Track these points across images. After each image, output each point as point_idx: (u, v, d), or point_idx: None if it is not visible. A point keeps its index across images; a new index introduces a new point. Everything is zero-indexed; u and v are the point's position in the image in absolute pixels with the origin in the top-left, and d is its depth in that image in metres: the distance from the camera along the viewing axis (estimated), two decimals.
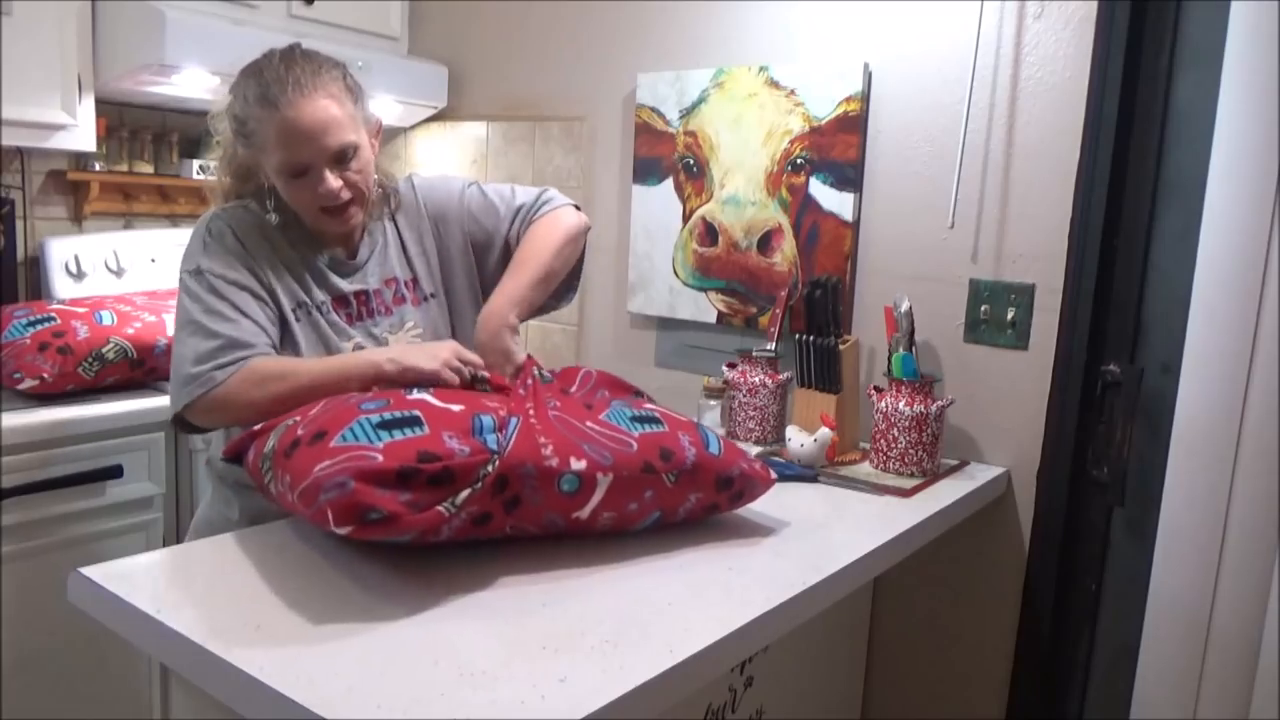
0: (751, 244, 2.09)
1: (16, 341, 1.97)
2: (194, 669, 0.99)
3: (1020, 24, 1.75)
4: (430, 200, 1.58)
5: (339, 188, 1.36)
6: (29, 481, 1.81)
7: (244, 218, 1.44)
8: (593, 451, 1.18)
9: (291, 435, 1.16)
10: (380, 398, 1.19)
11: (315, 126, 1.31)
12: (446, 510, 1.08)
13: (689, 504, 1.27)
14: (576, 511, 1.18)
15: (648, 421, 1.28)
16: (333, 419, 1.14)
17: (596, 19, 2.35)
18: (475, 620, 1.05)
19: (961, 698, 1.93)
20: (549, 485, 1.15)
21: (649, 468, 1.21)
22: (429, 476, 1.07)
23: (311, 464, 1.07)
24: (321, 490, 1.04)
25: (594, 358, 2.45)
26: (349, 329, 1.46)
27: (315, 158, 1.33)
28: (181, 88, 2.21)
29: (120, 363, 2.02)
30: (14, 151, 2.25)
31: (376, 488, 1.04)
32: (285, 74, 1.32)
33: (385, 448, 1.07)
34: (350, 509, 1.03)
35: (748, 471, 1.32)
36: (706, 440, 1.30)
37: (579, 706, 0.88)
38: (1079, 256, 1.72)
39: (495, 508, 1.13)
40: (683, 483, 1.25)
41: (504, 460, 1.11)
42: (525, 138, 2.53)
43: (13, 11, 1.97)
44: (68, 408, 1.91)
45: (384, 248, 1.51)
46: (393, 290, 1.50)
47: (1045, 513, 1.79)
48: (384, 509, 1.03)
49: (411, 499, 1.05)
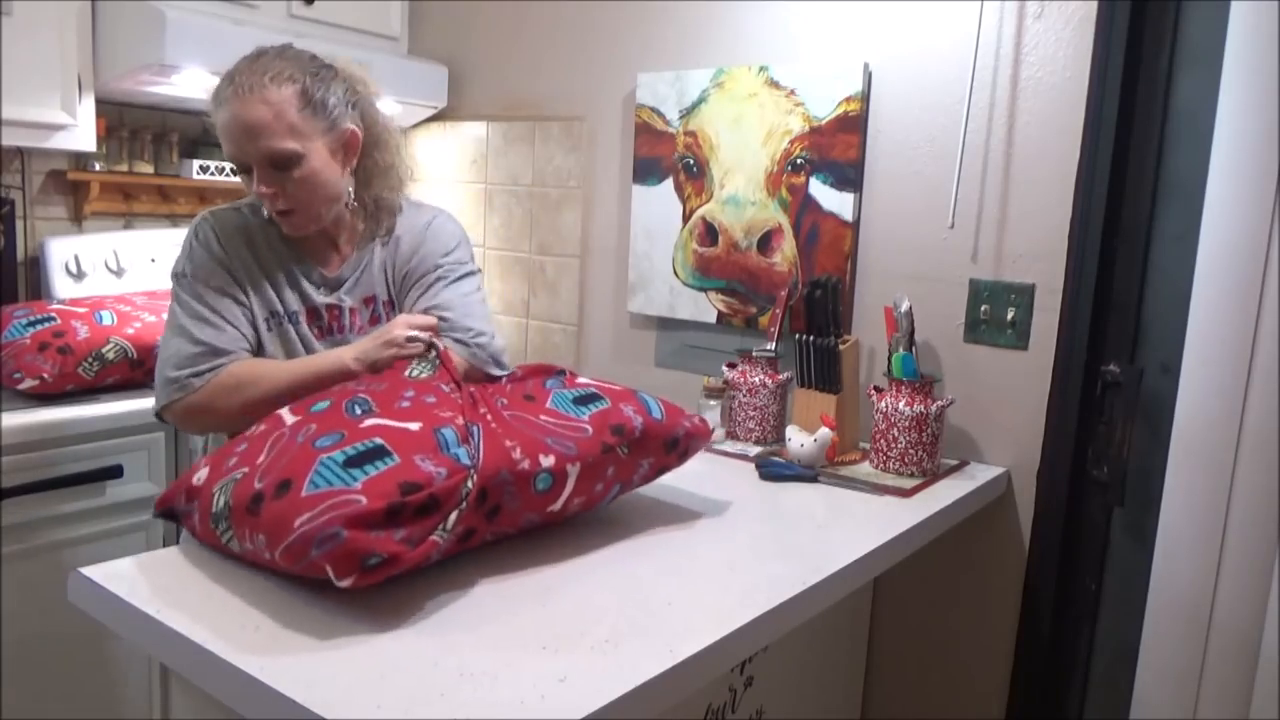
0: (751, 244, 2.09)
1: (16, 341, 1.96)
2: (194, 669, 0.99)
3: (1020, 24, 1.75)
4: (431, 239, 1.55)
5: (268, 193, 1.37)
6: (29, 481, 1.81)
7: (231, 220, 1.46)
8: (557, 445, 1.19)
9: (248, 489, 1.09)
10: (333, 431, 1.13)
11: (253, 126, 1.34)
12: (440, 538, 1.07)
13: (643, 469, 1.32)
14: (550, 506, 1.20)
15: (591, 400, 1.31)
16: (291, 464, 1.08)
17: (596, 19, 2.35)
18: (475, 620, 1.05)
19: (961, 698, 1.93)
20: (525, 487, 1.16)
21: (606, 447, 1.25)
22: (415, 508, 1.04)
23: (289, 518, 1.02)
24: (313, 545, 0.99)
25: (594, 358, 2.45)
26: (316, 343, 1.47)
27: (248, 158, 1.36)
28: (181, 88, 2.21)
29: (120, 363, 2.02)
30: (14, 151, 2.25)
31: (368, 531, 1.00)
32: (238, 76, 1.36)
33: (364, 487, 1.03)
34: (348, 559, 0.99)
35: (691, 430, 1.37)
36: (648, 406, 1.34)
37: (579, 706, 0.88)
38: (1079, 256, 1.72)
39: (478, 521, 1.12)
40: (635, 451, 1.29)
41: (480, 473, 1.11)
42: (525, 138, 2.53)
43: (13, 11, 1.97)
44: (68, 408, 1.91)
45: (369, 265, 1.51)
46: (370, 310, 1.50)
47: (1045, 513, 1.79)
48: (382, 552, 1.00)
49: (405, 535, 1.03)
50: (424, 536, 1.05)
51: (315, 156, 1.38)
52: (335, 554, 0.99)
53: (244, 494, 1.09)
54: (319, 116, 1.38)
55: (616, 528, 1.33)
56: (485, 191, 2.64)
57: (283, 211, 1.40)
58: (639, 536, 1.31)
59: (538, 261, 2.55)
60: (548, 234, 2.52)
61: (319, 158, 1.39)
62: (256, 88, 1.34)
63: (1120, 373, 1.71)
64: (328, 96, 1.39)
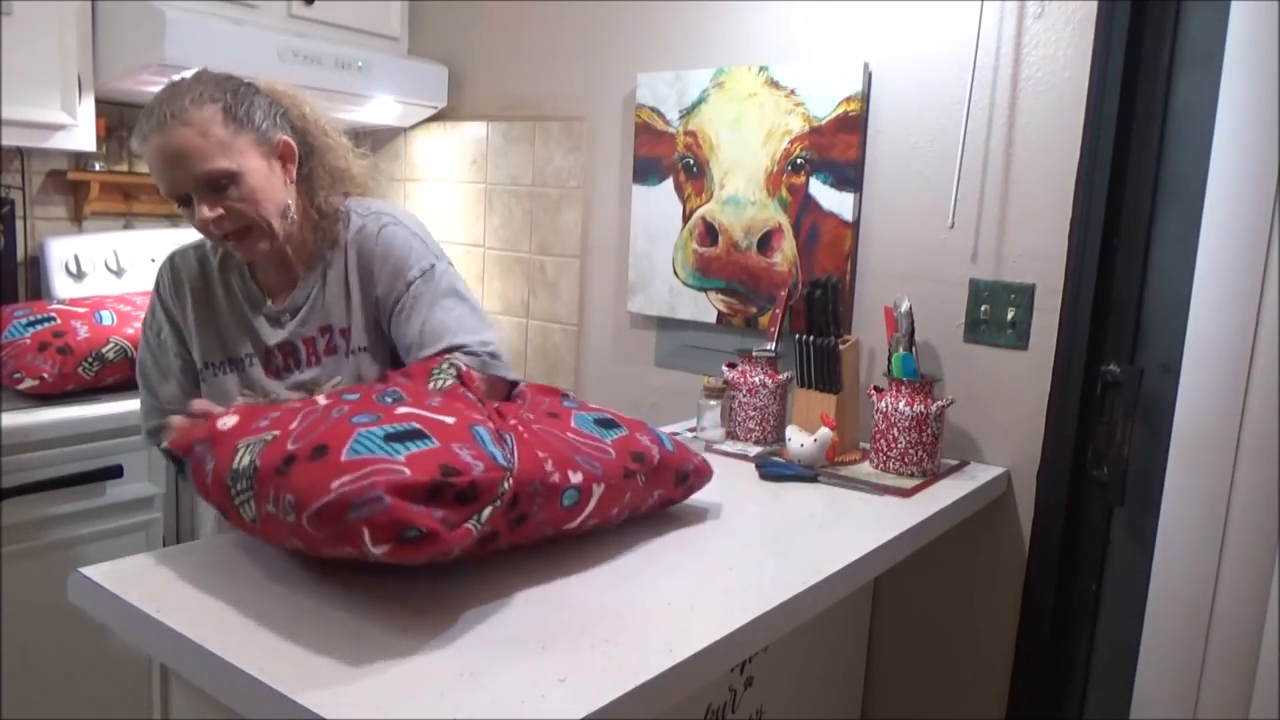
0: (751, 244, 2.09)
1: (16, 341, 1.97)
2: (194, 669, 0.99)
3: (1020, 24, 1.75)
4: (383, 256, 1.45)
5: (212, 217, 1.32)
6: (29, 481, 1.81)
7: (191, 265, 1.48)
8: (585, 463, 1.18)
9: (279, 451, 1.06)
10: (367, 412, 1.10)
11: (180, 153, 1.30)
12: (474, 528, 1.02)
13: (652, 500, 1.32)
14: (569, 524, 1.18)
15: (610, 426, 1.30)
16: (328, 433, 1.05)
17: (596, 19, 2.35)
18: (475, 620, 1.05)
19: (961, 698, 1.93)
20: (553, 501, 1.14)
21: (628, 472, 1.24)
22: (456, 492, 1.01)
23: (325, 479, 0.98)
24: (350, 507, 0.95)
25: (594, 358, 2.45)
26: (268, 383, 1.45)
27: (184, 186, 1.32)
28: None
29: (120, 363, 2.02)
30: (14, 151, 2.25)
31: (411, 503, 0.97)
32: (157, 108, 1.32)
33: (407, 460, 1.00)
34: (388, 526, 0.95)
35: (699, 466, 1.39)
36: (661, 438, 1.35)
37: (579, 706, 0.88)
38: (1079, 256, 1.71)
39: (503, 526, 1.10)
40: (650, 481, 1.29)
41: (515, 478, 1.09)
42: (525, 138, 2.53)
43: (13, 11, 1.97)
44: (68, 408, 1.91)
45: (321, 291, 1.44)
46: (326, 339, 1.44)
47: (1045, 513, 1.79)
48: (422, 526, 0.96)
49: (443, 516, 0.99)
50: (460, 522, 1.01)
51: (252, 172, 1.33)
52: (376, 519, 0.95)
53: (275, 455, 1.05)
54: (246, 130, 1.34)
55: (616, 528, 1.33)
56: (485, 191, 2.64)
57: (235, 233, 1.34)
58: (639, 536, 1.31)
59: (538, 261, 2.54)
60: (548, 234, 2.51)
61: (257, 173, 1.34)
62: (178, 113, 1.30)
63: (1120, 373, 1.71)
64: (253, 111, 1.35)
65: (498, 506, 1.06)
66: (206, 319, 1.46)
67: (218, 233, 1.34)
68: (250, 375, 1.45)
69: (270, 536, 1.08)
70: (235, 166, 1.32)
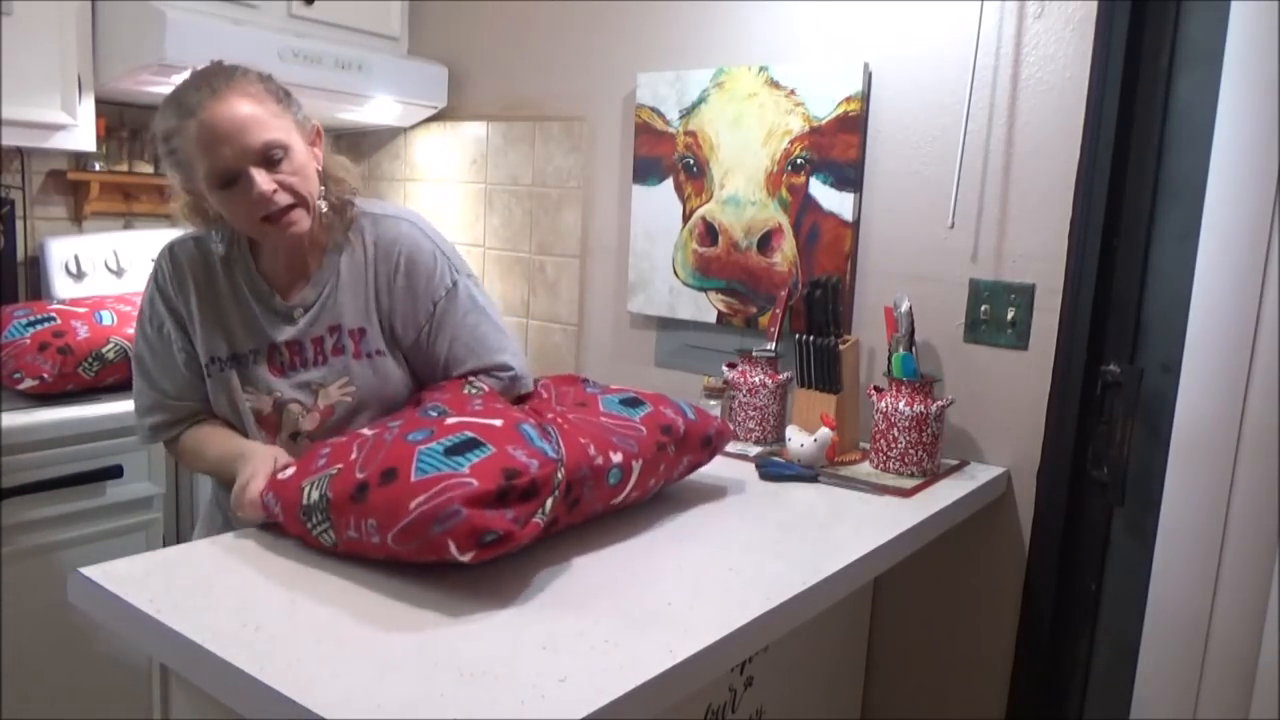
0: (751, 244, 2.09)
1: (16, 341, 1.97)
2: (194, 669, 0.99)
3: (1020, 24, 1.75)
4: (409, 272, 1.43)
5: (272, 190, 1.28)
6: (29, 481, 1.81)
7: (193, 256, 1.42)
8: (622, 442, 1.29)
9: (348, 481, 1.14)
10: (420, 429, 1.20)
11: (235, 125, 1.26)
12: (540, 519, 1.13)
13: (682, 466, 1.44)
14: (615, 499, 1.30)
15: (636, 404, 1.41)
16: (389, 456, 1.14)
17: (596, 19, 2.35)
18: (475, 620, 1.05)
19: (961, 698, 1.93)
20: (601, 482, 1.26)
21: (660, 445, 1.35)
22: (520, 492, 1.11)
23: (403, 501, 1.08)
24: (433, 523, 1.06)
25: (594, 358, 2.45)
26: (273, 381, 1.40)
27: (239, 160, 1.27)
28: None
29: (120, 363, 2.01)
30: (14, 151, 2.25)
31: (485, 510, 1.07)
32: (200, 83, 1.29)
33: (472, 471, 1.10)
34: (470, 535, 1.06)
35: (720, 429, 1.51)
36: (682, 408, 1.45)
37: (579, 706, 0.88)
38: (1079, 256, 1.71)
39: (562, 511, 1.20)
40: (679, 449, 1.40)
41: (566, 467, 1.19)
42: (525, 138, 2.53)
43: (13, 11, 1.97)
44: (68, 408, 1.91)
45: (335, 290, 1.41)
46: (334, 339, 1.41)
47: (1045, 513, 1.79)
48: (498, 529, 1.07)
49: (514, 515, 1.09)
50: (528, 518, 1.12)
51: (297, 148, 1.33)
52: (458, 530, 1.05)
53: (345, 486, 1.14)
54: (288, 108, 1.34)
55: (617, 528, 1.34)
56: (485, 191, 2.64)
57: (286, 209, 1.31)
58: (639, 537, 1.32)
59: (538, 261, 2.55)
60: (548, 234, 2.51)
61: (301, 151, 1.33)
62: (231, 83, 1.28)
63: (1120, 373, 1.71)
64: (286, 92, 1.35)
65: (556, 496, 1.16)
66: (211, 312, 1.41)
67: (276, 206, 1.30)
68: (254, 372, 1.41)
69: (356, 555, 1.17)
70: (287, 140, 1.31)
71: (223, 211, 1.33)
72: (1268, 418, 1.43)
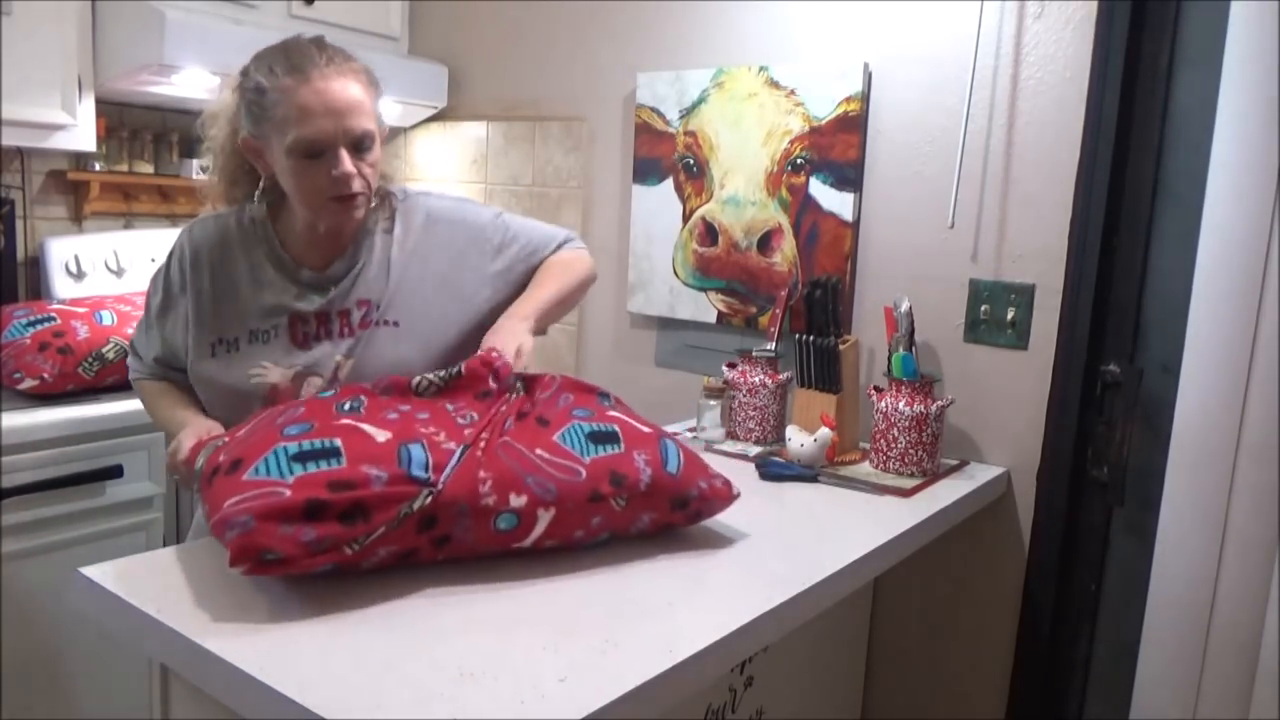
0: (751, 244, 2.09)
1: (16, 341, 1.97)
2: (194, 669, 0.99)
3: (1020, 24, 1.75)
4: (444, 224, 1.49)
5: (348, 175, 1.30)
6: (29, 481, 1.81)
7: (211, 236, 1.42)
8: (535, 485, 1.14)
9: (214, 460, 1.15)
10: (305, 420, 1.15)
11: (344, 104, 1.28)
12: (350, 550, 1.05)
13: (641, 523, 1.25)
14: (517, 543, 1.16)
15: (605, 441, 1.24)
16: (252, 446, 1.12)
17: (596, 19, 2.35)
18: (475, 620, 1.05)
19: (961, 698, 1.93)
20: (484, 524, 1.13)
21: (596, 495, 1.18)
22: (339, 511, 1.04)
23: (224, 497, 1.07)
24: (227, 527, 1.03)
25: (594, 358, 2.45)
26: (298, 351, 1.39)
27: (337, 137, 1.29)
28: (181, 88, 2.21)
29: (120, 363, 2.01)
30: (14, 151, 2.25)
31: (280, 525, 1.02)
32: (317, 53, 1.30)
33: (295, 482, 1.05)
34: (247, 549, 1.01)
35: (706, 492, 1.27)
36: (665, 458, 1.25)
37: (579, 706, 0.88)
38: (1079, 256, 1.72)
39: (422, 544, 1.11)
40: (634, 505, 1.22)
41: (437, 498, 1.09)
42: (525, 138, 2.53)
43: (13, 11, 1.97)
44: (68, 408, 1.91)
45: (365, 267, 1.43)
46: (363, 312, 1.42)
47: (1045, 513, 1.79)
48: (279, 551, 1.01)
49: (315, 537, 1.03)
50: (334, 545, 1.04)
51: (378, 143, 1.36)
52: (238, 541, 1.01)
53: (212, 462, 1.15)
54: (377, 103, 1.36)
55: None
56: (485, 191, 2.64)
57: (351, 195, 1.33)
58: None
59: None
60: None
61: (378, 145, 1.36)
62: (344, 66, 1.30)
63: (1120, 373, 1.71)
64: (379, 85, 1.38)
65: (400, 525, 1.07)
66: (226, 292, 1.40)
67: (350, 190, 1.32)
68: (272, 346, 1.39)
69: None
70: (376, 133, 1.34)
71: (290, 179, 1.33)
72: (1268, 418, 1.43)
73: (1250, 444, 1.45)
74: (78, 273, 2.30)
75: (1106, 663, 1.80)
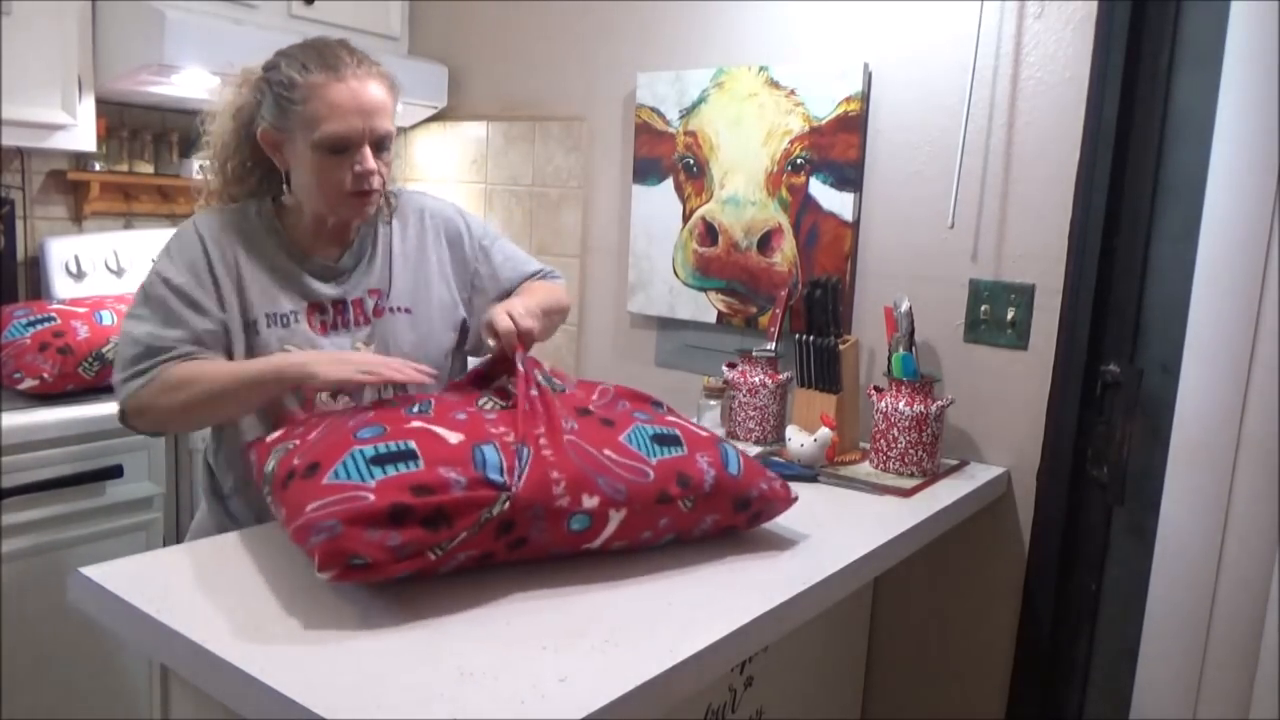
0: (751, 244, 2.09)
1: (17, 341, 1.97)
2: (194, 669, 0.99)
3: (1020, 24, 1.75)
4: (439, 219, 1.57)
5: (368, 172, 1.36)
6: (29, 481, 1.81)
7: (225, 222, 1.41)
8: (606, 486, 1.14)
9: (288, 463, 1.14)
10: (377, 423, 1.16)
11: (372, 104, 1.34)
12: (434, 555, 1.05)
13: (705, 525, 1.26)
14: (587, 544, 1.17)
15: (668, 443, 1.24)
16: (327, 449, 1.12)
17: (596, 19, 2.35)
18: (475, 620, 1.05)
19: (961, 698, 1.93)
20: (558, 525, 1.13)
21: (664, 497, 1.19)
22: (422, 516, 1.04)
23: (305, 501, 1.06)
24: (312, 532, 1.02)
25: (594, 358, 2.45)
26: (318, 338, 1.41)
27: (363, 135, 1.34)
28: (181, 88, 2.21)
29: None
30: (14, 151, 2.25)
31: (366, 529, 1.01)
32: (347, 54, 1.36)
33: (377, 485, 1.05)
34: (335, 554, 1.00)
35: (767, 493, 1.29)
36: (726, 460, 1.26)
37: (579, 706, 0.88)
38: (1079, 257, 1.71)
39: (498, 548, 1.11)
40: (699, 506, 1.23)
41: (514, 502, 1.08)
42: (525, 138, 2.53)
43: (12, 11, 1.97)
44: (68, 408, 1.91)
45: (371, 257, 1.48)
46: (374, 300, 1.47)
47: (1045, 513, 1.79)
48: (367, 556, 1.00)
49: (400, 543, 1.02)
50: (419, 550, 1.04)
51: (393, 146, 1.42)
52: (326, 546, 1.00)
53: (285, 467, 1.14)
54: (395, 107, 1.41)
55: None
56: (485, 191, 2.64)
57: (368, 191, 1.38)
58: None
59: None
60: (548, 234, 2.51)
61: (392, 148, 1.43)
62: (376, 66, 1.37)
63: (1120, 373, 1.71)
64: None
65: (480, 530, 1.07)
66: (259, 271, 1.40)
67: (368, 186, 1.37)
68: (295, 331, 1.40)
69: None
70: (393, 135, 1.41)
71: (311, 173, 1.36)
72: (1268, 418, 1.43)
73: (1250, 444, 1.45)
74: (78, 273, 2.30)
75: (1106, 663, 1.80)
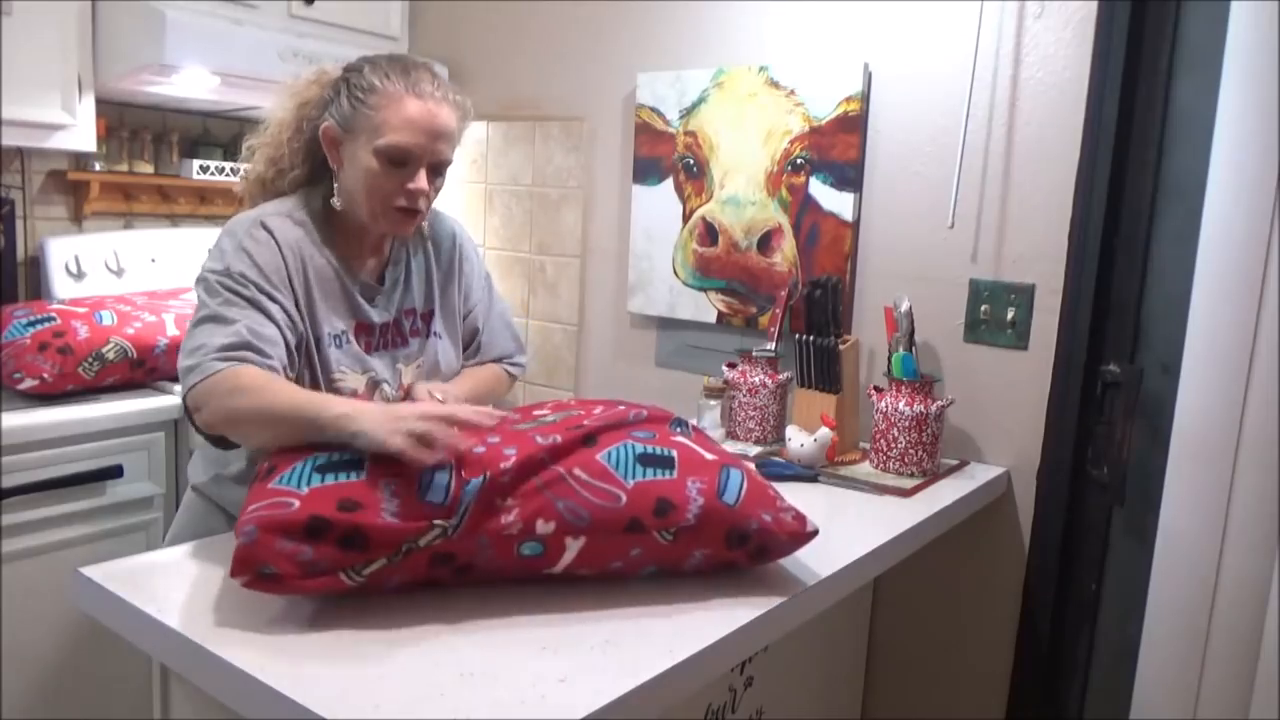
0: (751, 244, 2.09)
1: (16, 341, 1.96)
2: (194, 669, 0.99)
3: (1020, 24, 1.75)
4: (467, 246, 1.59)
5: (421, 190, 1.37)
6: (29, 481, 1.81)
7: (288, 232, 1.36)
8: (566, 510, 1.08)
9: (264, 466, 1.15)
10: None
11: (441, 128, 1.37)
12: (348, 579, 1.01)
13: (695, 560, 1.16)
14: (547, 569, 1.11)
15: (656, 464, 1.15)
16: (290, 456, 1.12)
17: (596, 19, 2.35)
18: (475, 620, 1.05)
19: (961, 698, 1.93)
20: (507, 551, 1.08)
21: (635, 525, 1.10)
22: (339, 534, 1.00)
23: (250, 501, 1.06)
24: (238, 535, 1.01)
25: (594, 358, 2.45)
26: (366, 357, 1.41)
27: (424, 154, 1.36)
28: (181, 88, 2.21)
29: (120, 363, 2.02)
30: (14, 151, 2.25)
31: (280, 539, 0.99)
32: (428, 74, 1.38)
33: (308, 494, 1.03)
34: (246, 561, 0.99)
35: (771, 525, 1.16)
36: (723, 486, 1.15)
37: (579, 706, 0.88)
38: (1079, 257, 1.71)
39: (442, 574, 1.07)
40: (683, 539, 1.13)
41: (451, 541, 1.04)
42: (525, 138, 2.53)
43: (13, 11, 1.97)
44: (68, 408, 1.91)
45: (407, 278, 1.49)
46: (410, 321, 1.49)
47: (1045, 513, 1.79)
48: (275, 567, 0.98)
49: (311, 559, 0.99)
50: (330, 569, 1.00)
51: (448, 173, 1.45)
52: (240, 551, 1.00)
53: (263, 465, 1.15)
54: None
55: None
56: (485, 191, 2.64)
57: (415, 211, 1.39)
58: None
59: (538, 261, 2.54)
60: (548, 234, 2.51)
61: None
62: (449, 93, 1.40)
63: (1120, 373, 1.71)
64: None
65: (405, 558, 1.03)
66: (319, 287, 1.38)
67: (416, 206, 1.38)
68: (348, 350, 1.39)
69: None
70: (450, 163, 1.43)
71: (364, 177, 1.35)
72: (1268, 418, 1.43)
73: (1250, 444, 1.45)
74: (78, 273, 2.30)
75: (1107, 663, 1.80)
